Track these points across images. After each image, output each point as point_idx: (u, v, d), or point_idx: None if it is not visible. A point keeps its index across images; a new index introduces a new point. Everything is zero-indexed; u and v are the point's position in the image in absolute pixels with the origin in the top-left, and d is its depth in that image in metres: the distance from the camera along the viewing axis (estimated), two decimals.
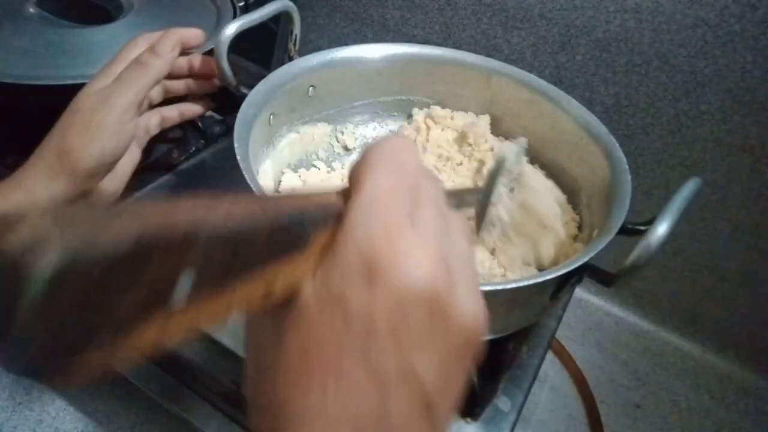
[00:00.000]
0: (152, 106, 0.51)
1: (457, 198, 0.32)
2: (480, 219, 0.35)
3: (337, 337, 0.19)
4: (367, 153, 0.22)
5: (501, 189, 0.37)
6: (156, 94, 0.50)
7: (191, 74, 0.53)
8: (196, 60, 0.52)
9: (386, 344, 0.19)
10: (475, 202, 0.35)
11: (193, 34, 0.50)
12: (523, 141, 0.47)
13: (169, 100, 0.53)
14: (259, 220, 0.19)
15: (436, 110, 0.61)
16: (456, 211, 0.23)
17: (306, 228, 0.20)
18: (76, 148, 0.43)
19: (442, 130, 0.60)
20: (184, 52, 0.50)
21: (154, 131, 0.52)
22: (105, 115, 0.44)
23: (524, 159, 0.46)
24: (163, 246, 0.16)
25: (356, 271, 0.19)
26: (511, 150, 0.41)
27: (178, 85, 0.53)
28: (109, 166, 0.46)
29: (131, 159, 0.50)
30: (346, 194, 0.21)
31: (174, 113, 0.54)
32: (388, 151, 0.21)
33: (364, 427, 0.19)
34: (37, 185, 0.43)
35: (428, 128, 0.60)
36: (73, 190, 0.44)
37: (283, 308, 0.20)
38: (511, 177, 0.40)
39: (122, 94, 0.44)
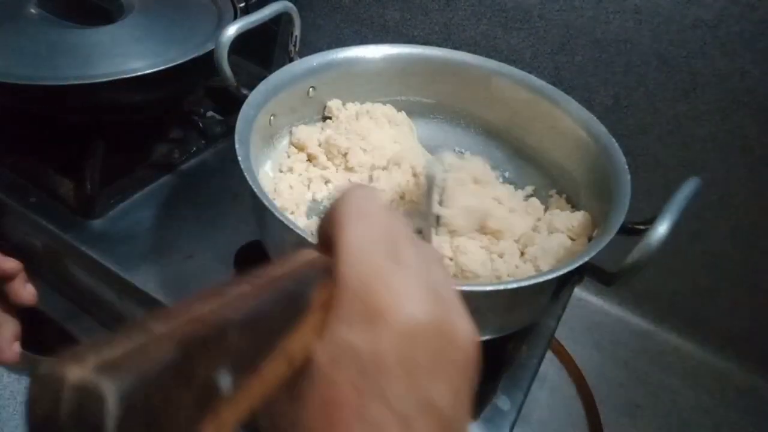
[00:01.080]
0: None
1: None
2: (428, 234, 0.37)
3: (354, 385, 0.19)
4: (336, 209, 0.23)
5: (435, 204, 0.40)
6: None
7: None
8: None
9: (401, 381, 0.20)
10: (419, 220, 0.36)
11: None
12: (445, 156, 0.50)
13: None
14: (266, 297, 0.20)
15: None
16: (420, 239, 0.25)
17: (305, 291, 0.21)
18: None
19: None
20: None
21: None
22: None
23: (445, 171, 0.49)
24: (200, 344, 0.17)
25: (359, 319, 0.20)
26: (437, 166, 0.45)
27: None
28: None
29: None
30: (324, 249, 0.23)
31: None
32: (356, 203, 0.23)
33: None
34: None
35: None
36: None
37: (297, 375, 0.20)
38: (440, 191, 0.44)
39: None
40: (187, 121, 0.68)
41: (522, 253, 0.49)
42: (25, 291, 0.41)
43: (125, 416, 0.14)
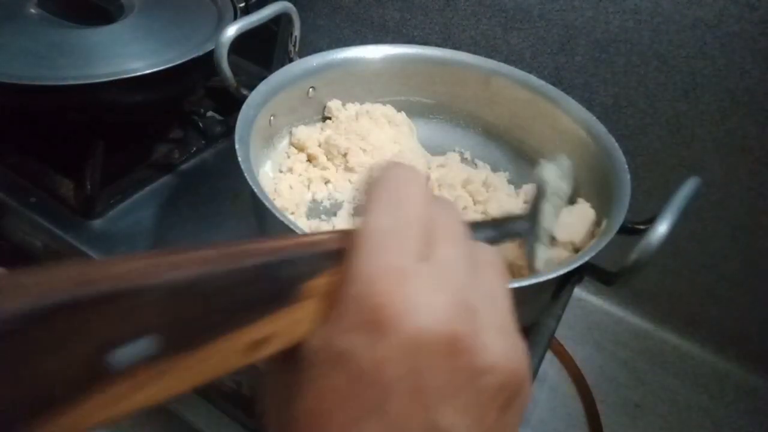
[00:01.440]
0: None
1: (498, 228, 0.30)
2: (530, 247, 0.33)
3: (352, 399, 0.17)
4: (372, 185, 0.20)
5: (548, 212, 0.35)
6: None
7: None
8: None
9: (405, 401, 0.17)
10: (522, 230, 0.32)
11: None
12: (563, 161, 0.44)
13: None
14: (232, 268, 0.17)
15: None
16: (486, 244, 0.21)
17: (299, 272, 0.18)
18: None
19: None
20: None
21: None
22: None
23: (569, 178, 0.43)
24: (102, 302, 0.14)
25: (361, 324, 0.17)
26: (551, 171, 0.40)
27: None
28: None
29: None
30: (351, 236, 0.19)
31: None
32: (388, 185, 0.20)
33: None
34: None
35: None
36: None
37: (290, 363, 0.18)
38: (557, 199, 0.38)
39: None
40: (187, 121, 0.68)
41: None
42: None
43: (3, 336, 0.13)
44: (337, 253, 0.19)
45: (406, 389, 0.17)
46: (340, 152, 0.56)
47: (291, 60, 0.57)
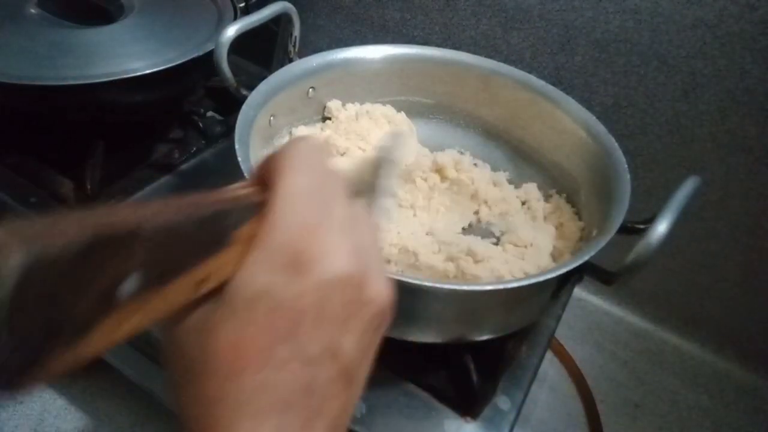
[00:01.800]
0: None
1: (353, 188, 0.35)
2: (372, 207, 0.39)
3: (268, 327, 0.20)
4: (283, 152, 0.23)
5: (384, 180, 0.41)
6: None
7: None
8: None
9: (313, 329, 0.21)
10: (366, 191, 0.38)
11: None
12: (401, 131, 0.51)
13: None
14: (186, 218, 0.20)
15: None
16: (357, 202, 0.26)
17: (229, 222, 0.21)
18: None
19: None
20: None
21: None
22: None
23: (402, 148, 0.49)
24: (108, 244, 0.17)
25: (282, 265, 0.21)
26: (393, 143, 0.45)
27: None
28: None
29: None
30: (261, 185, 0.23)
31: None
32: (303, 152, 0.23)
33: (294, 403, 0.21)
34: None
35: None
36: None
37: (208, 303, 0.21)
38: (394, 167, 0.44)
39: None
40: (187, 121, 0.68)
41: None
42: None
43: (25, 283, 0.15)
44: (258, 206, 0.22)
45: (314, 318, 0.21)
46: (340, 152, 0.56)
47: (291, 60, 0.57)
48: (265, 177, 0.23)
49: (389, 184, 0.43)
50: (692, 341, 0.76)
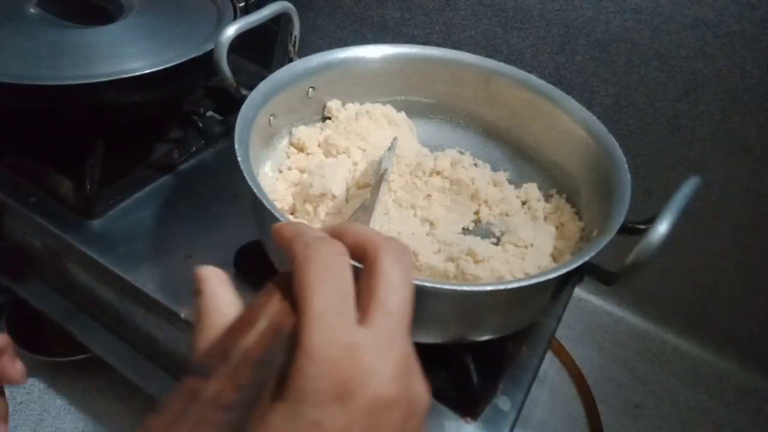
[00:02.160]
0: None
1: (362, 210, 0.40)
2: (368, 221, 0.41)
3: None
4: (301, 269, 0.22)
5: (383, 191, 0.45)
6: None
7: None
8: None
9: None
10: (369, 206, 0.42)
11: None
12: (394, 142, 0.53)
13: None
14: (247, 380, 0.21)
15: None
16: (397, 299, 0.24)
17: (274, 366, 0.21)
18: None
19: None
20: None
21: None
22: None
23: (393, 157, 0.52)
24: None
25: (327, 396, 0.20)
26: (389, 160, 0.48)
27: None
28: None
29: None
30: (282, 290, 0.23)
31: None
32: (323, 260, 0.22)
33: None
34: None
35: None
36: None
37: None
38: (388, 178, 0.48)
39: None
40: (187, 121, 0.68)
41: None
42: (14, 368, 0.37)
43: None
44: (291, 336, 0.22)
45: None
46: (340, 152, 0.56)
47: (291, 60, 0.57)
48: (291, 292, 0.22)
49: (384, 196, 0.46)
50: (692, 341, 0.76)
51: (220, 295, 0.24)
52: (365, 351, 0.21)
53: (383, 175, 0.47)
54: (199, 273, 0.24)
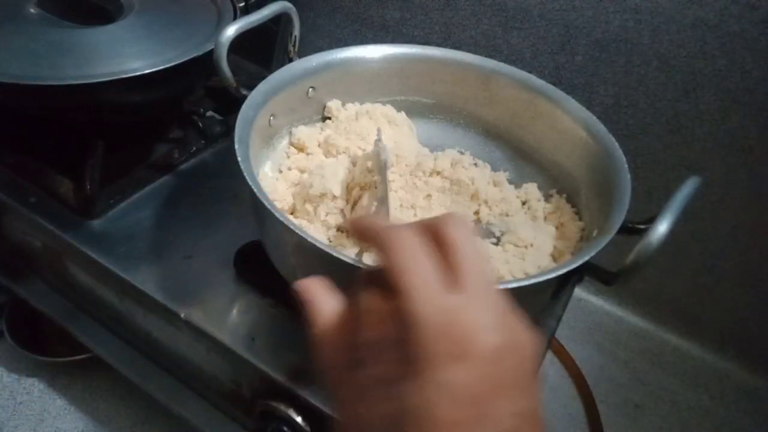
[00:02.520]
0: None
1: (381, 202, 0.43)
2: (385, 213, 0.44)
3: (458, 420, 0.21)
4: (391, 255, 0.25)
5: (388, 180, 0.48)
6: None
7: None
8: None
9: (497, 403, 0.22)
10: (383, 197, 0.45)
11: None
12: (379, 133, 0.54)
13: None
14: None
15: None
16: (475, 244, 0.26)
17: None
18: None
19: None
20: None
21: None
22: None
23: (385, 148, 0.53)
24: None
25: (446, 357, 0.22)
26: (385, 151, 0.49)
27: None
28: None
29: None
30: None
31: None
32: (408, 249, 0.24)
33: None
34: None
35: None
36: None
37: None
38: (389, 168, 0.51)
39: None
40: (187, 121, 0.68)
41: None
42: None
43: None
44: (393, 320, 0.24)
45: (495, 394, 0.22)
46: (340, 152, 0.56)
47: (291, 60, 0.57)
48: (384, 279, 0.24)
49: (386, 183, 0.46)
50: (692, 341, 0.76)
51: (323, 301, 0.27)
52: (465, 311, 0.23)
53: (385, 165, 0.48)
54: (299, 286, 0.28)
